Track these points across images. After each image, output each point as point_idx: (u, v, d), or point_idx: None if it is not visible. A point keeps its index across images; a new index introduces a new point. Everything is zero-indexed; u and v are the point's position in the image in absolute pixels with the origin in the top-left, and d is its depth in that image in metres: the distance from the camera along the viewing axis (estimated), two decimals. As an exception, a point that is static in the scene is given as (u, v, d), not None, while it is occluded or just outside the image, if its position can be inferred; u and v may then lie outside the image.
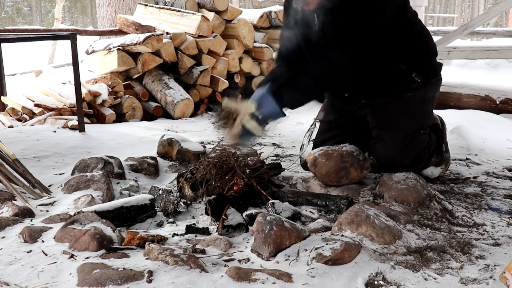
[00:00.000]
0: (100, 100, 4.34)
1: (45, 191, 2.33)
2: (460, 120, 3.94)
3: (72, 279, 1.49)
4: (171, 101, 4.75)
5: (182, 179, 2.27)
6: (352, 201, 2.09)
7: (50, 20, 31.64)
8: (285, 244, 1.65)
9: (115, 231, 1.77)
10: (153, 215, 2.06)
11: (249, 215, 1.93)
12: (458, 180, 2.58)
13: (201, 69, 5.05)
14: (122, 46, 4.82)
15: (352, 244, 1.62)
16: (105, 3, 7.98)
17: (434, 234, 1.84)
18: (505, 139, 3.50)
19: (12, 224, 1.92)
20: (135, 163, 2.64)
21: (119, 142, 3.39)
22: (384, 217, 1.82)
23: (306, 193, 2.22)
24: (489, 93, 4.63)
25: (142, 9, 5.92)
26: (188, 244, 1.75)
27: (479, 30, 7.07)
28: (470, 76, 6.17)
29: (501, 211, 2.12)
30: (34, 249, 1.71)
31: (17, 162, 2.42)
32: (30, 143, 3.20)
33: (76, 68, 3.53)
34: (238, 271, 1.48)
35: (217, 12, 5.49)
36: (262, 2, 8.41)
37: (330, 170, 2.26)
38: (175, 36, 5.01)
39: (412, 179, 2.16)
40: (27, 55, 11.08)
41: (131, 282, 1.45)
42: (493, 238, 1.83)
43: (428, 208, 2.05)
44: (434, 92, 2.47)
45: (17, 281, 1.50)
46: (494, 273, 1.53)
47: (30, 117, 4.17)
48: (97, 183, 2.29)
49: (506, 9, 5.55)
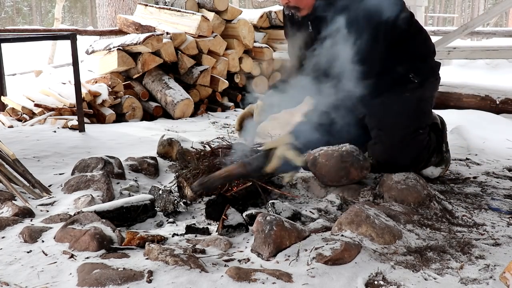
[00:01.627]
0: (100, 100, 4.34)
1: (45, 191, 2.33)
2: (460, 120, 3.94)
3: (72, 279, 1.49)
4: (171, 101, 4.75)
5: (182, 179, 2.27)
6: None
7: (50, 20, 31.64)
8: (285, 244, 1.65)
9: (115, 231, 1.77)
10: (153, 215, 2.06)
11: (249, 215, 1.93)
12: (458, 180, 2.58)
13: (201, 69, 5.05)
14: (122, 46, 4.82)
15: (352, 244, 1.62)
16: (105, 3, 7.98)
17: (434, 234, 1.84)
18: (505, 139, 3.49)
19: (12, 224, 1.92)
20: (135, 163, 2.64)
21: (119, 142, 3.39)
22: (384, 217, 1.82)
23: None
24: (489, 93, 4.62)
25: (142, 9, 5.92)
26: (188, 244, 1.75)
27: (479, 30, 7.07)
28: (470, 76, 6.16)
29: (501, 211, 2.12)
30: (34, 249, 1.71)
31: (17, 162, 2.42)
32: (30, 143, 3.20)
33: (76, 68, 3.53)
34: (238, 271, 1.48)
35: (217, 12, 5.49)
36: (262, 2, 8.40)
37: (330, 170, 2.25)
38: (175, 36, 5.01)
39: (412, 179, 2.16)
40: (27, 55, 11.08)
41: (131, 282, 1.45)
42: (493, 238, 1.83)
43: (428, 208, 2.05)
44: (432, 92, 2.47)
45: (17, 281, 1.50)
46: (494, 273, 1.53)
47: (30, 117, 4.17)
48: (97, 183, 2.29)
49: (506, 9, 5.55)
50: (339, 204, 2.11)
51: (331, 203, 2.12)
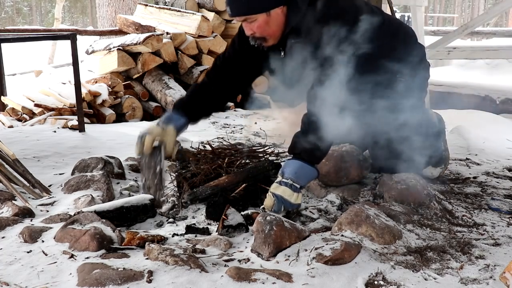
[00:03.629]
0: (100, 100, 4.34)
1: (45, 191, 2.33)
2: (460, 120, 3.94)
3: (72, 279, 1.49)
4: (171, 101, 4.74)
5: (182, 179, 2.27)
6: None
7: (50, 20, 31.60)
8: (285, 244, 1.65)
9: (115, 231, 1.77)
10: (153, 215, 2.06)
11: (245, 215, 1.93)
12: (458, 180, 2.58)
13: (201, 69, 5.05)
14: (122, 46, 4.82)
15: (352, 244, 1.62)
16: (105, 3, 7.98)
17: (434, 234, 1.84)
18: (505, 139, 3.49)
19: (12, 224, 1.92)
20: (135, 163, 2.64)
21: (119, 142, 3.39)
22: (384, 217, 1.82)
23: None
24: (489, 93, 4.63)
25: (142, 9, 5.92)
26: (188, 244, 1.75)
27: (479, 30, 7.08)
28: (470, 76, 6.17)
29: (501, 211, 2.12)
30: (34, 249, 1.71)
31: (17, 162, 2.42)
32: (30, 143, 3.20)
33: (76, 68, 3.53)
34: (238, 271, 1.48)
35: (217, 12, 5.49)
36: (262, 2, 8.41)
37: (330, 170, 2.25)
38: (175, 36, 5.01)
39: (412, 179, 2.16)
40: (27, 55, 11.07)
41: (131, 282, 1.45)
42: (493, 238, 1.83)
43: (428, 208, 2.05)
44: (426, 74, 2.36)
45: (17, 281, 1.50)
46: (494, 273, 1.53)
47: (30, 117, 4.17)
48: (97, 183, 2.29)
49: (506, 9, 5.56)
50: (339, 204, 2.11)
51: (331, 203, 2.12)
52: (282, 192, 1.89)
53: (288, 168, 1.94)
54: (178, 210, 2.13)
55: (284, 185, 1.90)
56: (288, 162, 1.98)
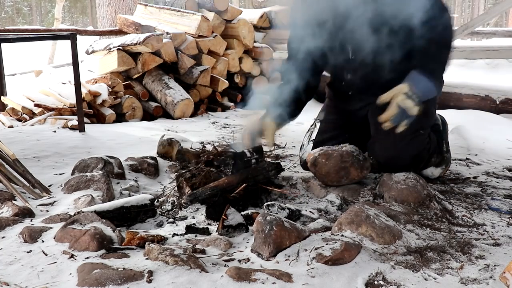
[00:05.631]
0: (100, 100, 4.34)
1: (45, 191, 2.33)
2: (460, 120, 3.94)
3: (72, 279, 1.49)
4: (171, 101, 4.75)
5: (182, 179, 2.27)
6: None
7: (50, 20, 31.61)
8: (285, 244, 1.65)
9: (115, 231, 1.77)
10: (153, 215, 2.06)
11: (245, 215, 1.93)
12: (458, 180, 2.58)
13: (201, 69, 5.05)
14: (122, 46, 4.82)
15: (352, 244, 1.62)
16: (105, 3, 7.98)
17: (434, 234, 1.84)
18: (505, 139, 3.49)
19: (12, 224, 1.91)
20: (135, 163, 2.64)
21: (119, 142, 3.39)
22: (384, 217, 1.82)
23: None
24: (489, 93, 4.62)
25: (142, 9, 5.92)
26: (188, 244, 1.75)
27: (479, 30, 7.06)
28: (470, 76, 6.16)
29: (501, 211, 2.12)
30: (34, 249, 1.71)
31: (17, 162, 2.42)
32: (30, 143, 3.20)
33: (76, 68, 3.53)
34: (238, 271, 1.48)
35: (217, 12, 5.49)
36: (262, 2, 8.41)
37: (330, 170, 2.25)
38: (175, 36, 5.01)
39: (412, 179, 2.16)
40: (27, 55, 11.08)
41: (131, 282, 1.45)
42: (493, 238, 1.83)
43: (428, 208, 2.05)
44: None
45: (17, 281, 1.50)
46: (494, 273, 1.53)
47: (30, 117, 4.17)
48: (97, 183, 2.29)
49: (506, 9, 5.55)
50: (339, 204, 2.11)
51: (331, 203, 2.12)
52: (409, 105, 2.05)
53: (419, 83, 2.10)
54: (178, 210, 2.13)
55: (412, 99, 2.05)
56: (419, 78, 2.12)
